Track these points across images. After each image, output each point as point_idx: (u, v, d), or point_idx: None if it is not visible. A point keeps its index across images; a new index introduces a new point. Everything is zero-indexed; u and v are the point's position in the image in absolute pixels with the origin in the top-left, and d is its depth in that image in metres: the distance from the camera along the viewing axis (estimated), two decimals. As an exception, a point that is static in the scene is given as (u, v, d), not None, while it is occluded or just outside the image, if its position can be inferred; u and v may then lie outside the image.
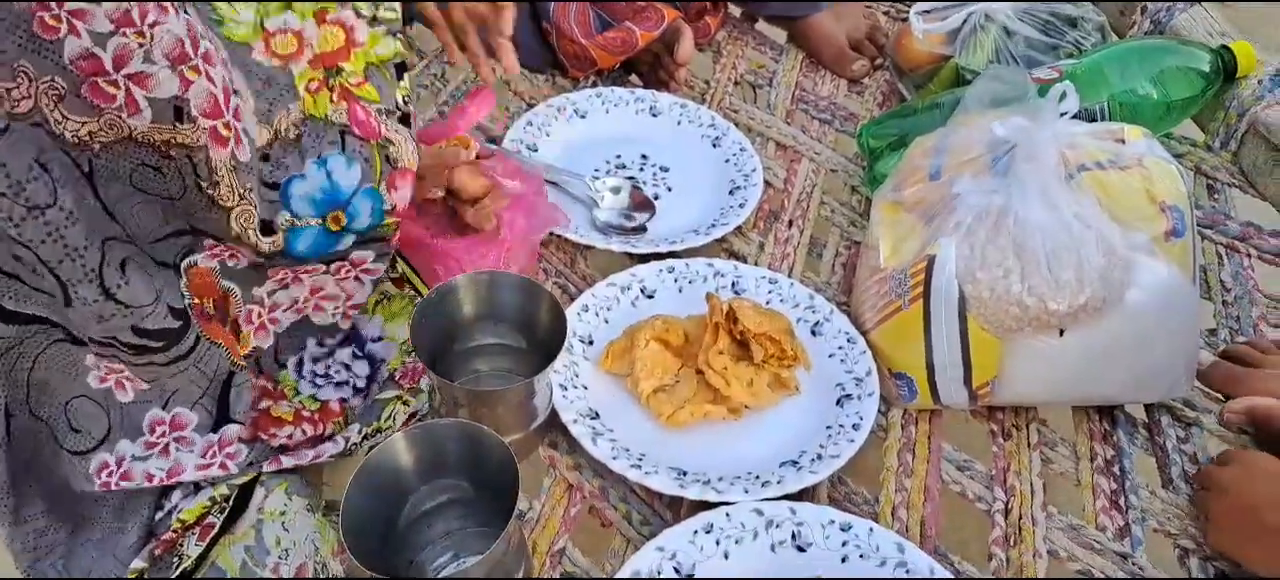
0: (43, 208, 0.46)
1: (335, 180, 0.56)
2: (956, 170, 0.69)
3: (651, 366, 0.66)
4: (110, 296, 0.49)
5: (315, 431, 0.60)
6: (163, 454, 0.56)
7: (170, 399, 0.56)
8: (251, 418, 0.59)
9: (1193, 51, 0.86)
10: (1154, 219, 0.64)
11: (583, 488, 0.62)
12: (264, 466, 0.58)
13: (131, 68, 0.46)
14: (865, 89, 1.04)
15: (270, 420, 0.59)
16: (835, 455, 0.62)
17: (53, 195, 0.46)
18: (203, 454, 0.57)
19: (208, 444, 0.57)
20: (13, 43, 0.43)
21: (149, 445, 0.56)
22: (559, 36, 0.94)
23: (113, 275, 0.49)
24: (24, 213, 0.45)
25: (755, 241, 0.83)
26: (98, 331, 0.51)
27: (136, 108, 0.47)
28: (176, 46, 0.47)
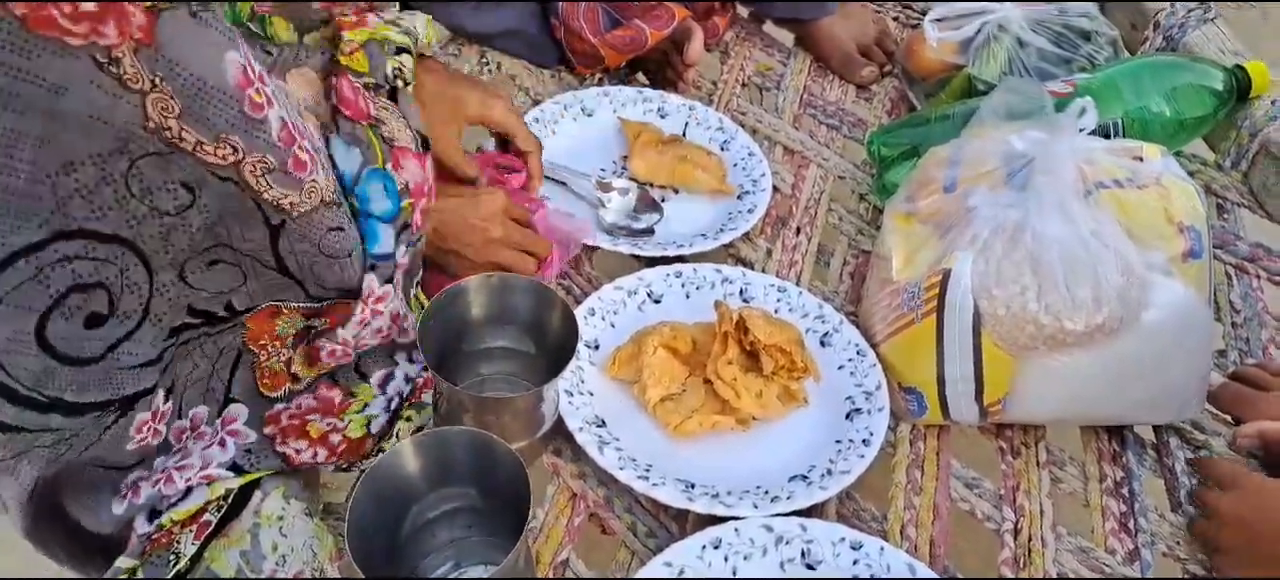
0: (163, 212, 0.45)
1: (339, 168, 0.54)
2: (972, 183, 0.68)
3: (659, 374, 0.65)
4: (184, 279, 0.49)
5: (326, 459, 0.58)
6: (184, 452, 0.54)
7: (183, 399, 0.54)
8: (285, 424, 0.57)
9: (1206, 70, 0.86)
10: (1172, 239, 0.63)
11: (587, 497, 0.61)
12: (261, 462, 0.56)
13: (293, 120, 0.47)
14: (874, 95, 1.03)
15: (299, 431, 0.57)
16: (845, 471, 0.61)
17: (180, 209, 0.46)
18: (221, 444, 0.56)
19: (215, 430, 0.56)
20: (225, 119, 0.44)
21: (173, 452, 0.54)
22: (568, 33, 0.92)
23: (198, 266, 0.49)
24: (145, 212, 0.44)
25: (763, 248, 0.82)
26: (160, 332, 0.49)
27: (316, 162, 0.49)
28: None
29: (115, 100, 0.40)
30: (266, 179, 0.46)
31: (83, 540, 0.54)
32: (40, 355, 0.44)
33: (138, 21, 0.40)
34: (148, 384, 0.50)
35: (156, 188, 0.44)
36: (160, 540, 0.52)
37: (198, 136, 0.43)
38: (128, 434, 0.50)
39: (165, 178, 0.44)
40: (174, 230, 0.46)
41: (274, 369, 0.56)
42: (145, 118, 0.42)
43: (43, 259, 0.42)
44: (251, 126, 0.45)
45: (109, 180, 0.43)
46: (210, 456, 0.54)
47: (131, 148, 0.42)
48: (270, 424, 0.57)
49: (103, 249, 0.44)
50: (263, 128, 0.45)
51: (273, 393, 0.56)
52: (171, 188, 0.45)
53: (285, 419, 0.57)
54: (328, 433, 0.58)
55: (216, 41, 0.43)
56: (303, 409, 0.58)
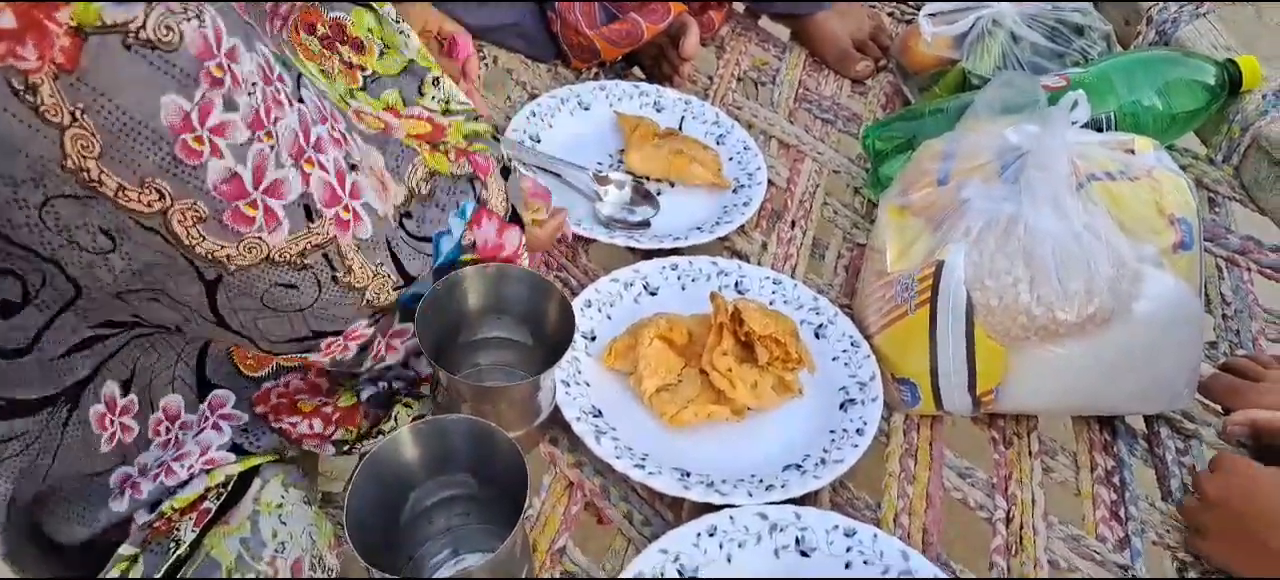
0: (83, 248, 0.43)
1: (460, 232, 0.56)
2: (965, 176, 0.69)
3: (655, 365, 0.65)
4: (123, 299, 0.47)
5: (325, 431, 0.58)
6: (178, 444, 0.55)
7: (151, 391, 0.54)
8: (275, 402, 0.57)
9: (1198, 64, 0.87)
10: (1163, 231, 0.64)
11: (583, 486, 0.62)
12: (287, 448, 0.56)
13: (268, 179, 0.44)
14: (868, 90, 1.03)
15: (290, 408, 0.57)
16: (839, 460, 0.61)
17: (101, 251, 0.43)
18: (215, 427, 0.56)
19: (201, 414, 0.56)
20: (152, 161, 0.40)
21: (162, 445, 0.54)
22: (564, 27, 0.93)
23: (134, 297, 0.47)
24: (62, 243, 0.42)
25: (758, 241, 0.82)
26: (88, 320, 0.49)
27: (276, 221, 0.45)
28: (294, 142, 0.45)
29: (31, 132, 0.37)
30: (197, 230, 0.43)
31: (64, 558, 0.54)
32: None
33: (61, 44, 0.36)
34: (83, 373, 0.49)
35: (75, 227, 0.41)
36: (160, 528, 0.53)
37: (119, 180, 0.40)
38: (92, 431, 0.50)
39: (83, 220, 0.41)
40: (96, 266, 0.43)
41: (258, 355, 0.55)
42: (63, 156, 0.38)
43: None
44: (182, 172, 0.41)
45: (21, 205, 0.40)
46: (207, 441, 0.55)
47: (46, 184, 0.39)
48: (260, 403, 0.57)
49: (19, 251, 0.42)
50: (196, 174, 0.41)
51: (258, 372, 0.56)
52: (90, 230, 0.42)
53: (274, 397, 0.57)
54: (319, 406, 0.58)
55: (151, 79, 0.39)
56: (291, 388, 0.58)
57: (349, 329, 0.52)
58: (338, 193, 0.48)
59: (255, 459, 0.55)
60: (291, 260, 0.47)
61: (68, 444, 0.50)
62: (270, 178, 0.44)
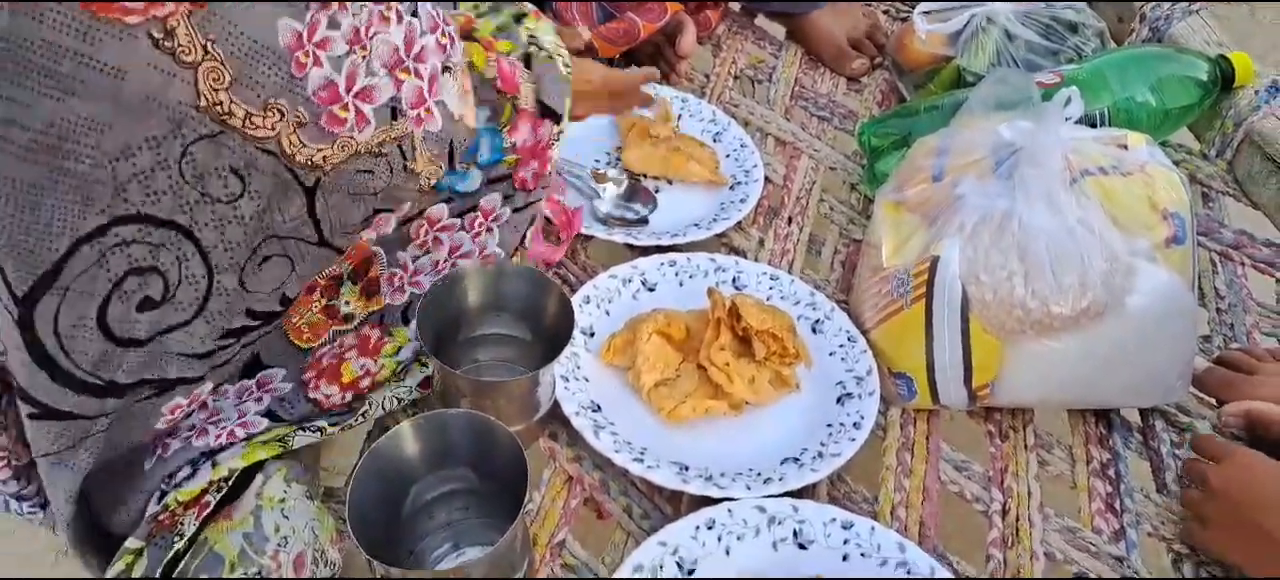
0: (216, 199, 0.47)
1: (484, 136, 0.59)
2: (960, 172, 0.69)
3: (653, 360, 0.66)
4: (242, 284, 0.51)
5: (349, 401, 0.60)
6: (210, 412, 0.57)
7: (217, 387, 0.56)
8: (326, 365, 0.60)
9: (1191, 60, 0.87)
10: (1156, 226, 0.65)
11: (583, 480, 0.62)
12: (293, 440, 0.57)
13: (359, 85, 0.49)
14: (864, 87, 1.04)
15: (334, 373, 0.60)
16: (836, 453, 0.62)
17: (232, 195, 0.48)
18: (237, 395, 0.58)
19: (242, 387, 0.58)
20: (273, 81, 0.45)
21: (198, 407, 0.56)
22: (562, 26, 0.93)
23: (253, 268, 0.51)
24: (197, 197, 0.46)
25: (755, 237, 0.83)
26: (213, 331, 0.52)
27: (365, 121, 0.50)
28: (392, 55, 0.50)
29: (169, 79, 0.42)
30: (297, 136, 0.48)
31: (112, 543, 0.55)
32: (100, 339, 0.46)
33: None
34: (193, 373, 0.52)
35: (208, 172, 0.46)
36: (165, 522, 0.53)
37: (247, 108, 0.45)
38: (158, 411, 0.52)
39: (216, 162, 0.46)
40: (227, 223, 0.48)
41: (311, 322, 0.58)
42: (197, 95, 0.43)
43: (103, 244, 0.44)
44: (294, 85, 0.46)
45: (164, 165, 0.44)
46: (246, 410, 0.57)
47: (184, 131, 0.44)
48: (310, 369, 0.60)
49: (159, 233, 0.46)
50: (302, 84, 0.46)
51: (314, 343, 0.59)
52: (222, 174, 0.46)
53: (326, 360, 0.60)
54: (360, 377, 0.61)
55: (270, 9, 0.44)
56: (344, 347, 0.60)
57: (419, 203, 0.57)
58: (424, 95, 0.53)
59: (260, 452, 0.55)
60: (373, 150, 0.52)
61: (130, 419, 0.52)
62: (361, 83, 0.49)
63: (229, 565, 0.52)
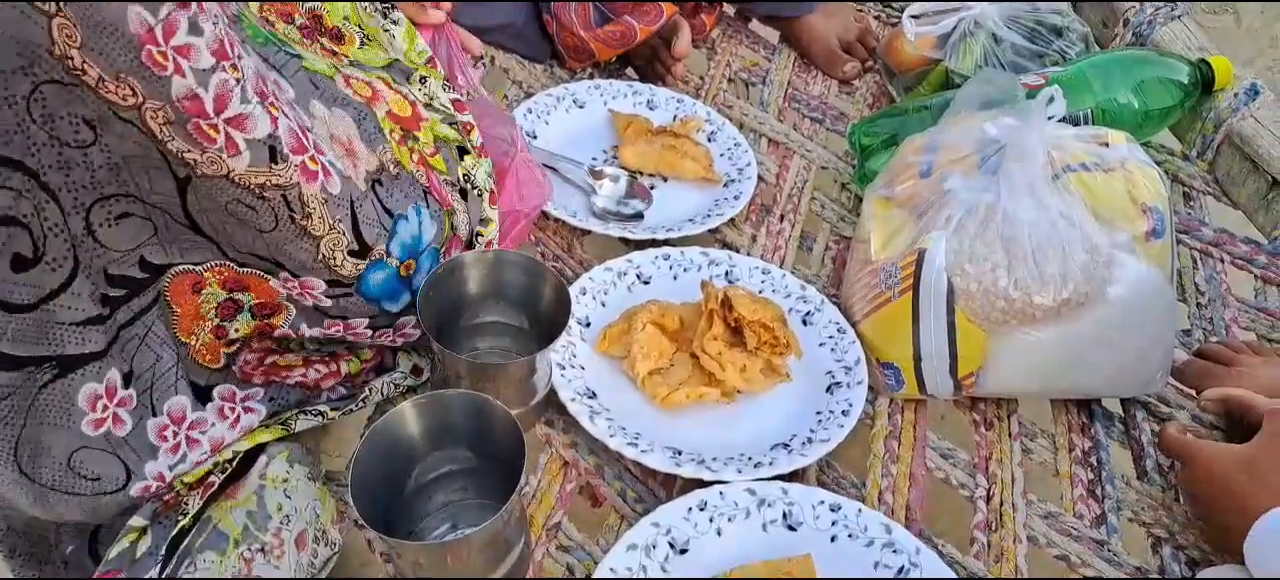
0: (64, 142, 0.46)
1: (422, 233, 0.59)
2: (947, 168, 0.71)
3: (648, 349, 0.67)
4: (91, 233, 0.49)
5: (328, 370, 0.61)
6: (192, 446, 0.56)
7: (155, 400, 0.55)
8: (263, 367, 0.59)
9: (1172, 64, 0.89)
10: (1135, 219, 0.67)
11: (578, 465, 0.64)
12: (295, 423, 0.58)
13: (231, 112, 0.47)
14: (855, 89, 1.06)
15: (280, 368, 0.60)
16: (825, 439, 0.63)
17: (83, 142, 0.46)
18: (221, 415, 0.57)
19: (217, 408, 0.58)
20: (124, 60, 0.44)
21: (174, 451, 0.56)
22: (559, 28, 0.95)
23: (101, 216, 0.49)
24: (45, 139, 0.45)
25: (748, 233, 0.85)
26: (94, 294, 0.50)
27: (236, 150, 0.48)
28: (258, 82, 0.49)
29: (23, 17, 0.41)
30: (167, 129, 0.46)
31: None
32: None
33: None
34: (93, 347, 0.51)
35: (58, 116, 0.45)
36: (169, 501, 0.55)
37: (99, 72, 0.43)
38: (73, 402, 0.51)
39: (68, 109, 0.44)
40: (74, 165, 0.46)
41: (207, 344, 0.57)
42: (51, 41, 0.42)
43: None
44: (150, 78, 0.44)
45: (10, 101, 0.43)
46: (250, 423, 0.58)
47: (36, 71, 0.43)
48: (252, 376, 0.59)
49: (7, 174, 0.45)
50: (163, 85, 0.45)
51: (217, 364, 0.58)
52: (74, 122, 0.45)
53: (254, 370, 0.59)
54: (306, 357, 0.61)
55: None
56: (256, 355, 0.60)
57: (304, 279, 0.55)
58: (303, 143, 0.51)
59: (263, 435, 0.57)
60: (251, 188, 0.50)
61: (42, 406, 0.50)
62: (234, 110, 0.47)
63: (232, 542, 0.54)
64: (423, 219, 0.58)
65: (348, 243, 0.55)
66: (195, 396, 0.57)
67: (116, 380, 0.52)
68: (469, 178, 0.63)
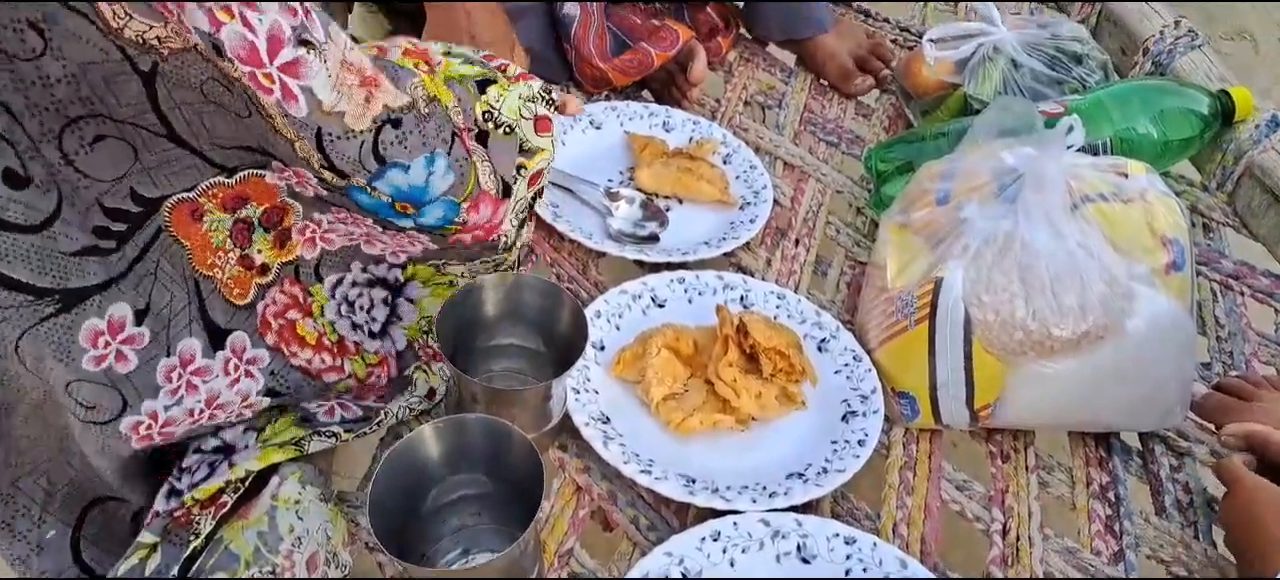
0: (12, 55, 0.43)
1: (430, 183, 0.55)
2: (964, 196, 0.71)
3: (662, 374, 0.67)
4: (70, 163, 0.47)
5: (332, 363, 0.60)
6: (190, 391, 0.56)
7: (170, 339, 0.54)
8: (278, 327, 0.59)
9: (1192, 94, 0.89)
10: (1155, 251, 0.66)
11: (591, 490, 0.63)
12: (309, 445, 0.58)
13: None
14: (872, 113, 1.06)
15: (294, 336, 0.60)
16: (840, 469, 0.63)
17: (32, 51, 0.43)
18: (225, 371, 0.57)
19: (224, 360, 0.57)
20: None
21: (173, 393, 0.55)
22: (578, 59, 0.96)
23: (74, 143, 0.47)
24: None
25: (763, 257, 0.85)
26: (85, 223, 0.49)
27: (187, 30, 0.45)
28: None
29: None
30: (123, 9, 0.43)
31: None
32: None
33: None
34: (93, 279, 0.50)
35: (2, 26, 0.42)
36: (181, 518, 0.55)
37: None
38: (75, 340, 0.50)
39: (10, 15, 0.42)
40: (30, 83, 0.44)
41: (235, 277, 0.56)
42: None
43: None
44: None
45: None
46: (247, 389, 0.57)
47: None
48: (266, 332, 0.59)
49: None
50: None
51: (246, 299, 0.58)
52: (18, 28, 0.43)
53: (273, 319, 0.59)
54: (319, 335, 0.61)
55: None
56: (279, 305, 0.60)
57: (295, 168, 0.53)
58: (260, 57, 0.46)
59: (276, 455, 0.57)
60: (220, 67, 0.46)
61: (41, 335, 0.49)
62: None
63: (244, 563, 0.54)
64: (435, 168, 0.54)
65: (319, 160, 0.51)
66: (210, 340, 0.57)
67: (126, 316, 0.51)
68: (491, 112, 0.58)
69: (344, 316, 0.64)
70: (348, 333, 0.64)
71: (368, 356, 0.65)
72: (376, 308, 0.65)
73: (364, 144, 0.52)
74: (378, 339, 0.66)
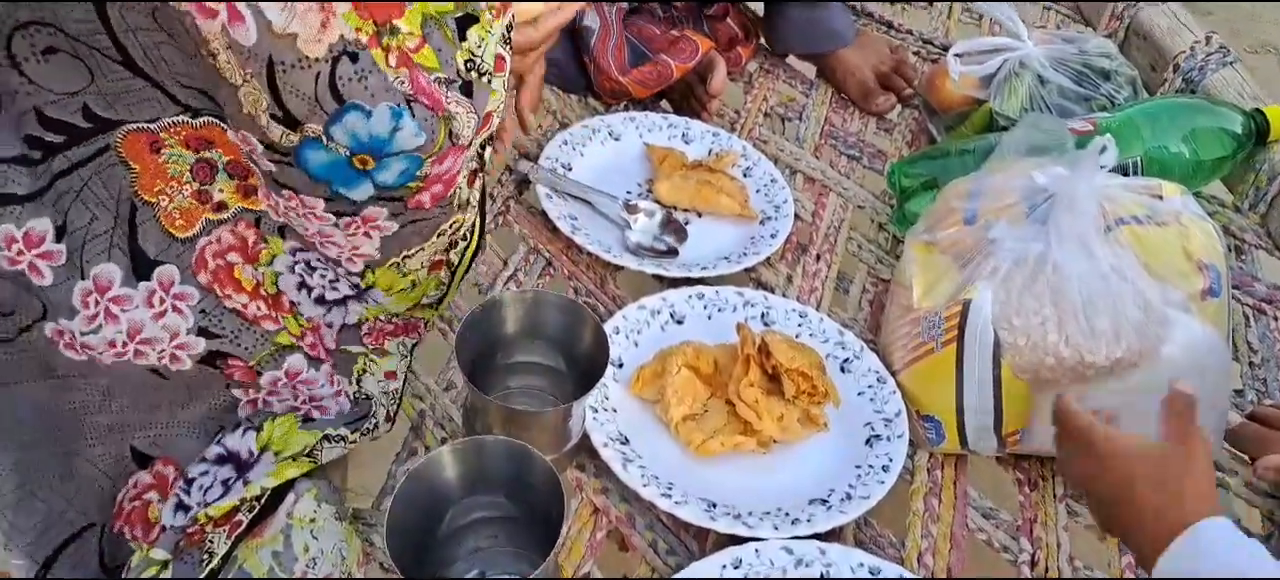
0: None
1: (397, 137, 0.49)
2: (992, 215, 0.69)
3: (682, 393, 0.66)
4: (16, 66, 0.45)
5: (268, 312, 0.58)
6: (110, 320, 0.53)
7: (84, 261, 0.52)
8: (213, 267, 0.56)
9: (1225, 112, 0.87)
10: (1191, 276, 0.64)
11: (609, 512, 0.62)
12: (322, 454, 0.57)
13: None
14: (894, 127, 1.04)
15: (229, 278, 0.57)
16: (865, 496, 0.61)
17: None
18: (149, 302, 0.54)
19: (149, 291, 0.55)
20: None
21: (90, 319, 0.53)
22: (597, 72, 0.95)
23: (24, 47, 0.45)
24: None
25: (783, 273, 0.83)
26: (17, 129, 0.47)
27: None
28: None
29: None
30: None
31: None
32: None
33: None
34: (16, 189, 0.48)
35: None
36: (194, 536, 0.54)
37: None
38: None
39: None
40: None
41: (183, 207, 0.53)
42: None
43: None
44: None
45: None
46: (175, 325, 0.54)
47: None
48: (200, 270, 0.56)
49: None
50: None
51: (188, 232, 0.55)
52: None
53: (211, 258, 0.56)
54: (257, 284, 0.58)
55: None
56: (222, 245, 0.56)
57: (241, 132, 0.50)
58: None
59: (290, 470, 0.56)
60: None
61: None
62: None
63: (258, 583, 0.53)
64: (401, 124, 0.49)
65: (268, 105, 0.47)
66: (134, 270, 0.54)
67: (46, 231, 0.49)
68: (474, 60, 0.52)
69: (296, 273, 0.60)
70: (289, 290, 0.60)
71: (300, 319, 0.61)
72: (341, 283, 0.61)
73: (320, 75, 0.47)
74: (323, 306, 0.62)
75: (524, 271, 0.79)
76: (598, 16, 0.94)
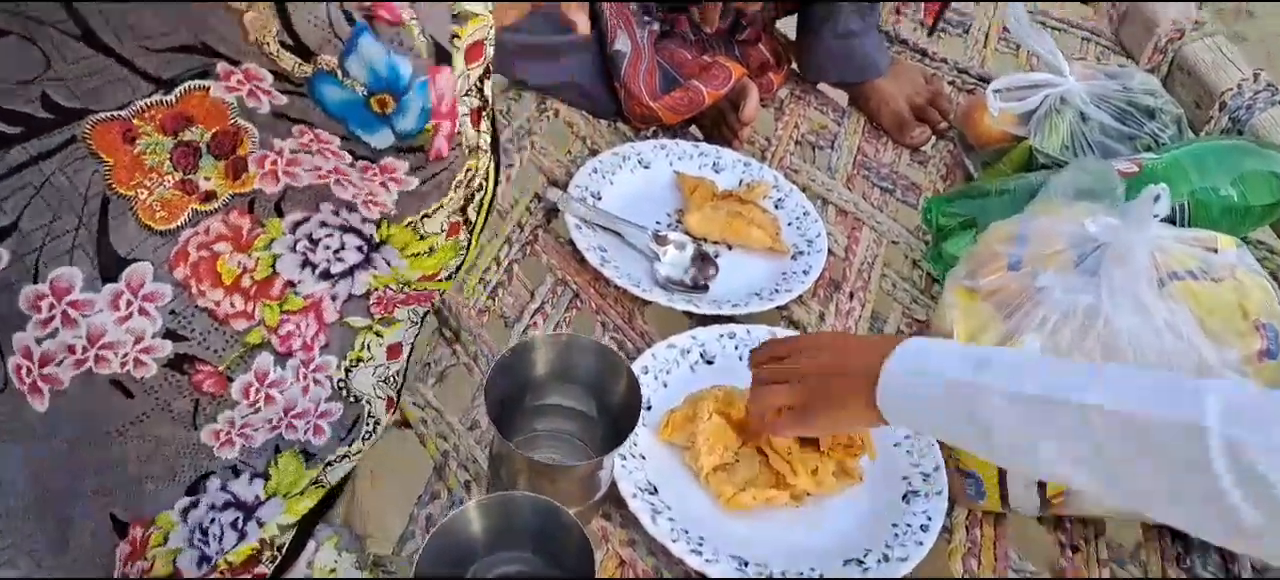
0: None
1: (397, 67, 0.46)
2: (1039, 262, 0.67)
3: (713, 442, 0.64)
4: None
5: (242, 308, 0.54)
6: (67, 324, 0.49)
7: (38, 264, 0.48)
8: (196, 259, 0.52)
9: (1274, 156, 0.84)
10: (1248, 336, 0.62)
11: (635, 565, 0.60)
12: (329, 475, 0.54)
13: None
14: (928, 159, 1.02)
15: (210, 271, 0.53)
16: (903, 558, 0.59)
17: None
18: (113, 305, 0.50)
19: (114, 294, 0.50)
20: None
21: (45, 324, 0.49)
22: (628, 97, 0.93)
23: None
24: None
25: (815, 310, 0.81)
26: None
27: None
28: None
29: None
30: None
31: None
32: None
33: None
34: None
35: None
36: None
37: None
38: None
39: None
40: None
41: (165, 199, 0.50)
42: None
43: None
44: None
45: None
46: (140, 328, 0.51)
47: None
48: (179, 263, 0.52)
49: None
50: None
51: (170, 223, 0.51)
52: None
53: (194, 250, 0.52)
54: (239, 276, 0.54)
55: None
56: (211, 235, 0.53)
57: (246, 67, 0.46)
58: None
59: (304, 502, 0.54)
60: None
61: None
62: None
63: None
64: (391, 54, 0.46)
65: (278, 31, 0.44)
66: (100, 271, 0.50)
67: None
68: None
69: (298, 251, 0.56)
70: (288, 270, 0.56)
71: (293, 300, 0.58)
72: (347, 251, 0.58)
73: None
74: (328, 280, 0.58)
75: (551, 304, 0.77)
76: (629, 41, 0.93)
